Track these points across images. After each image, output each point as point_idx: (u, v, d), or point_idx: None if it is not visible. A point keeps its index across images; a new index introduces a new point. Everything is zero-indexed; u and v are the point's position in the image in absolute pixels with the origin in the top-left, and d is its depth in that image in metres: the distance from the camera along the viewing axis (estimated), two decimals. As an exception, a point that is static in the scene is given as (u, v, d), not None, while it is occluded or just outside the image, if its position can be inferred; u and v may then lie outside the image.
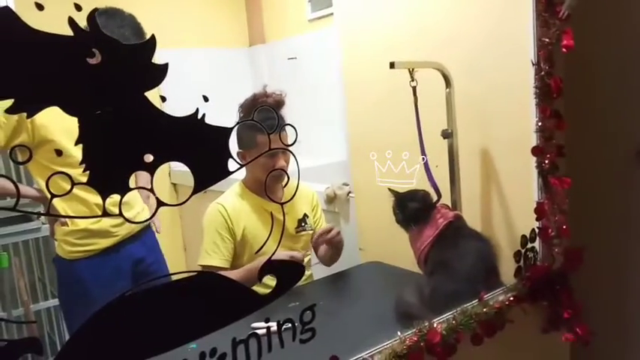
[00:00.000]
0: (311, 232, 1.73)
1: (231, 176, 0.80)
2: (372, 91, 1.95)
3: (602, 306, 1.87)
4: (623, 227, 1.88)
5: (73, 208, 1.57)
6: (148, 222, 1.83)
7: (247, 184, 1.68)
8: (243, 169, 1.69)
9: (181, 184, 3.02)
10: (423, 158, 1.49)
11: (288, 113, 1.57)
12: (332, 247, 1.67)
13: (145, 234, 1.84)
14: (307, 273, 1.75)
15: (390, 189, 1.54)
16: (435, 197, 1.50)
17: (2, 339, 0.68)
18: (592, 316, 1.40)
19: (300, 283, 1.65)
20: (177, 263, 2.82)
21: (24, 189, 1.66)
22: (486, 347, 1.20)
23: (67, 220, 1.63)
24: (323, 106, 2.61)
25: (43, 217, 2.37)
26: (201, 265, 1.61)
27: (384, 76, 1.63)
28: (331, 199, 2.18)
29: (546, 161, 1.32)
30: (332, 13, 2.23)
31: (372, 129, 2.00)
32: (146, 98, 0.74)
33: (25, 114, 1.55)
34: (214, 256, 1.60)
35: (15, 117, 1.47)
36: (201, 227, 1.66)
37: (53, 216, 1.70)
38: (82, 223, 1.63)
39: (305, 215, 1.71)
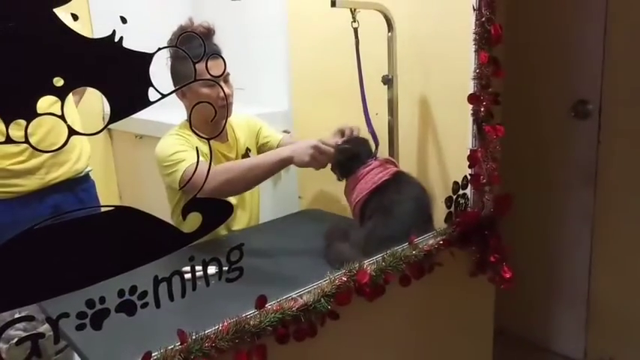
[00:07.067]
0: None
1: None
2: (315, 36, 1.89)
3: (529, 251, 1.97)
4: (553, 176, 1.96)
5: None
6: (84, 172, 1.74)
7: (191, 121, 1.59)
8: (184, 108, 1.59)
9: (116, 129, 2.87)
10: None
11: (232, 59, 1.47)
12: None
13: (81, 188, 1.75)
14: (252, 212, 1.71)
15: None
16: (373, 146, 1.50)
17: None
18: (518, 261, 1.45)
19: (243, 225, 1.62)
20: (112, 212, 2.71)
21: None
22: (414, 288, 1.22)
23: None
24: (267, 53, 2.52)
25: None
26: (179, 179, 1.40)
27: (328, 19, 1.58)
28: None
29: (482, 109, 1.33)
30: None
31: (316, 75, 1.96)
32: (55, 15, 0.68)
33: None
34: (189, 158, 1.41)
35: None
36: (151, 168, 1.52)
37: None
38: (3, 163, 1.55)
39: (247, 150, 1.66)
